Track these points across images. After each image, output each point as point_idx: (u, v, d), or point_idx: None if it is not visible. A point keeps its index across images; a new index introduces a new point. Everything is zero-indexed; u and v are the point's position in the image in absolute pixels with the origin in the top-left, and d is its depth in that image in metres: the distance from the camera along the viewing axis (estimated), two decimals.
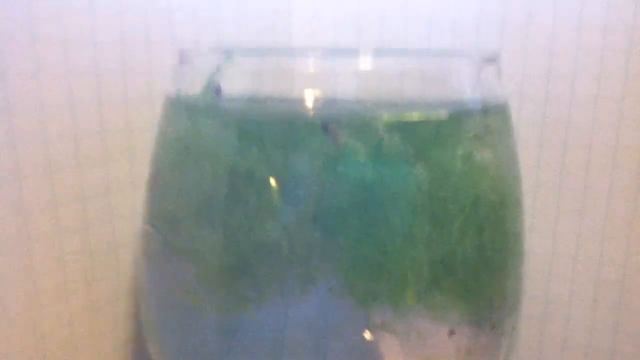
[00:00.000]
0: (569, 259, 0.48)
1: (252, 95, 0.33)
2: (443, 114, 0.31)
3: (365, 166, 0.29)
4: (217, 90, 0.34)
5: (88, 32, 0.40)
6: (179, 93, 0.36)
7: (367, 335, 0.33)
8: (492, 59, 0.35)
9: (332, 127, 0.29)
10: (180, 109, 0.35)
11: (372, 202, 0.30)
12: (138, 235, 0.45)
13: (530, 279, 0.48)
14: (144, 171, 0.40)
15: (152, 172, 0.38)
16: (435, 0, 0.49)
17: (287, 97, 0.32)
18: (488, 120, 0.32)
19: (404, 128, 0.30)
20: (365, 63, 0.31)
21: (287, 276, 0.33)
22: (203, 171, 0.33)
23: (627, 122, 0.43)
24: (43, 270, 0.41)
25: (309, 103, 0.31)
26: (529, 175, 0.47)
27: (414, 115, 0.31)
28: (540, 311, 0.50)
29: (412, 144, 0.29)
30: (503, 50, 0.46)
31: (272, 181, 0.30)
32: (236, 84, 0.33)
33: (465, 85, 0.33)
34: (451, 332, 0.32)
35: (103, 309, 0.45)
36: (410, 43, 0.51)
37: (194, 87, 0.35)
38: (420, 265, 0.30)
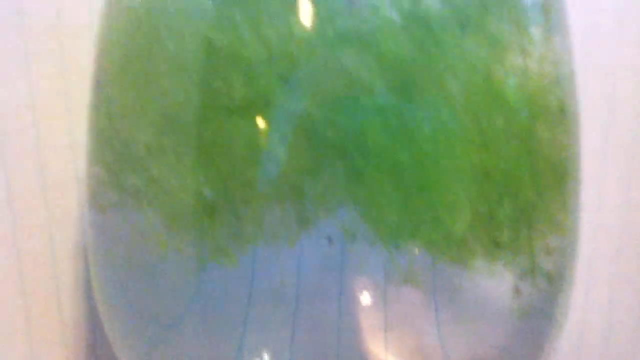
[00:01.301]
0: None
1: None
2: None
3: (392, 38, 0.20)
4: None
5: None
6: None
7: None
8: None
9: None
10: None
11: (402, 95, 0.21)
12: (81, 183, 0.35)
13: None
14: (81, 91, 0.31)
15: (95, 84, 0.29)
16: None
17: None
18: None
19: None
20: None
21: (285, 212, 0.25)
22: (168, 66, 0.24)
23: None
24: None
25: None
26: None
27: None
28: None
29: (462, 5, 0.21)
30: None
31: (265, 63, 0.21)
32: None
33: None
34: (517, 290, 0.24)
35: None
36: None
37: None
38: (468, 185, 0.22)
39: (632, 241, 0.42)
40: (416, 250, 0.23)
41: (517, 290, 0.25)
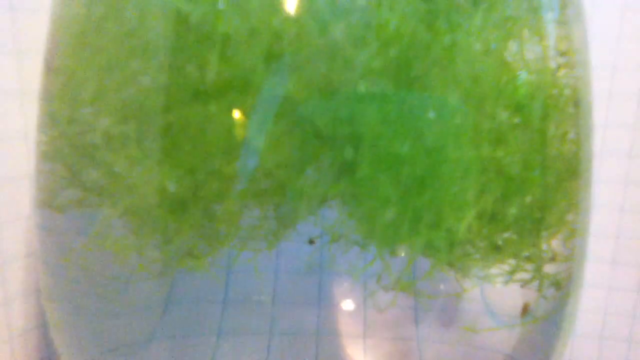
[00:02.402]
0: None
1: None
2: None
3: (394, 11, 0.18)
4: None
5: None
6: None
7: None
8: None
9: None
10: None
11: (402, 78, 0.19)
12: (30, 178, 0.32)
13: None
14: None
15: (47, 68, 0.26)
16: None
17: None
18: None
19: None
20: None
21: (264, 211, 0.22)
22: (130, 43, 0.21)
23: None
24: None
25: None
26: None
27: None
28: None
29: None
30: None
31: (245, 39, 0.18)
32: None
33: None
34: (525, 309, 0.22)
35: None
36: None
37: None
38: (474, 181, 0.19)
39: None
40: (411, 253, 0.21)
41: (521, 296, 0.23)
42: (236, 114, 0.21)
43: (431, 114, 0.18)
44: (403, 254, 0.21)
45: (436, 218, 0.19)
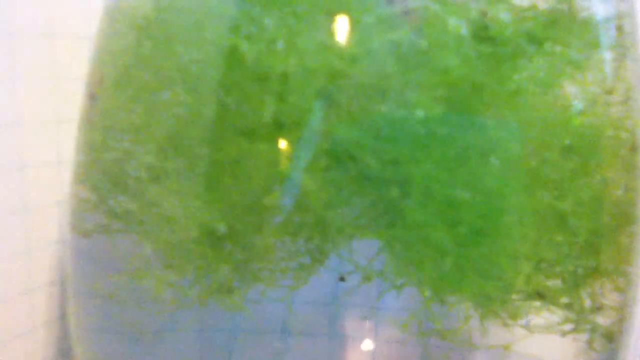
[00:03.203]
0: None
1: None
2: None
3: (453, 53, 0.17)
4: None
5: None
6: None
7: None
8: None
9: None
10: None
11: (460, 119, 0.18)
12: (62, 204, 0.31)
13: None
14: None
15: (89, 96, 0.25)
16: None
17: None
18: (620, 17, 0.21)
19: None
20: None
21: (300, 248, 0.22)
22: (179, 77, 0.21)
23: None
24: None
25: None
26: None
27: None
28: None
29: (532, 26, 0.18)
30: None
31: (300, 78, 0.18)
32: None
33: None
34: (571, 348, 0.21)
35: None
36: None
37: None
38: (532, 229, 0.19)
39: None
40: (457, 302, 0.20)
41: (570, 347, 0.22)
42: (283, 151, 0.21)
43: (493, 160, 0.17)
44: (448, 302, 0.21)
45: (493, 268, 0.18)
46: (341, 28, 0.18)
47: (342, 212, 0.21)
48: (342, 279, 0.24)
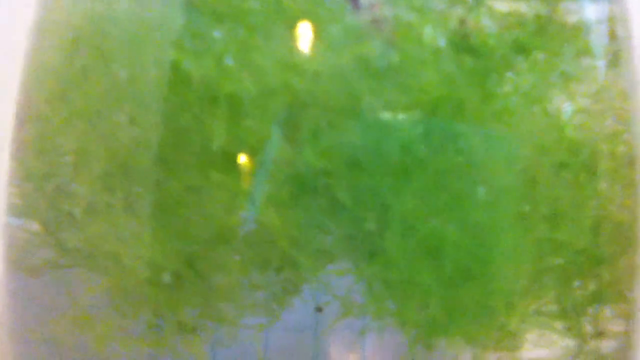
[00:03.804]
0: None
1: None
2: None
3: (433, 68, 0.15)
4: None
5: None
6: None
7: None
8: None
9: None
10: None
11: (442, 142, 0.16)
12: None
13: None
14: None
15: (20, 120, 0.23)
16: None
17: None
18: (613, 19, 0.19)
19: None
20: None
21: (269, 285, 0.20)
22: (119, 100, 0.18)
23: None
24: None
25: None
26: None
27: None
28: None
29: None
30: None
31: (255, 101, 0.16)
32: None
33: None
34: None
35: None
36: None
37: None
38: (528, 265, 0.17)
39: None
40: (450, 346, 0.18)
41: None
42: (241, 181, 0.18)
43: (480, 187, 0.15)
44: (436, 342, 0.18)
45: (484, 310, 0.16)
46: (302, 41, 0.16)
47: (311, 248, 0.19)
48: (319, 309, 0.22)
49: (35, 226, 0.23)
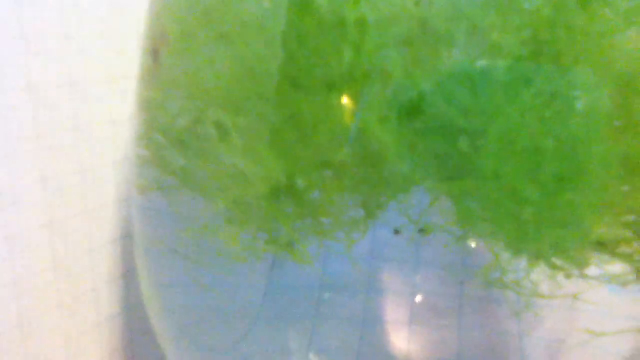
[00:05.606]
0: None
1: None
2: None
3: None
4: None
5: None
6: None
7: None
8: None
9: None
10: None
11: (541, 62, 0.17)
12: (118, 164, 0.32)
13: None
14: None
15: (149, 52, 0.25)
16: None
17: None
18: None
19: None
20: None
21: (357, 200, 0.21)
22: (246, 30, 0.20)
23: None
24: None
25: None
26: None
27: None
28: None
29: None
30: None
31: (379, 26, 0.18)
32: None
33: None
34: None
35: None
36: None
37: None
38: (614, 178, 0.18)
39: None
40: (537, 254, 0.20)
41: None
42: (350, 103, 0.20)
43: (578, 104, 0.17)
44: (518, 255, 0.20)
45: (573, 217, 0.17)
46: None
47: (409, 163, 0.21)
48: (397, 232, 0.24)
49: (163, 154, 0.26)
